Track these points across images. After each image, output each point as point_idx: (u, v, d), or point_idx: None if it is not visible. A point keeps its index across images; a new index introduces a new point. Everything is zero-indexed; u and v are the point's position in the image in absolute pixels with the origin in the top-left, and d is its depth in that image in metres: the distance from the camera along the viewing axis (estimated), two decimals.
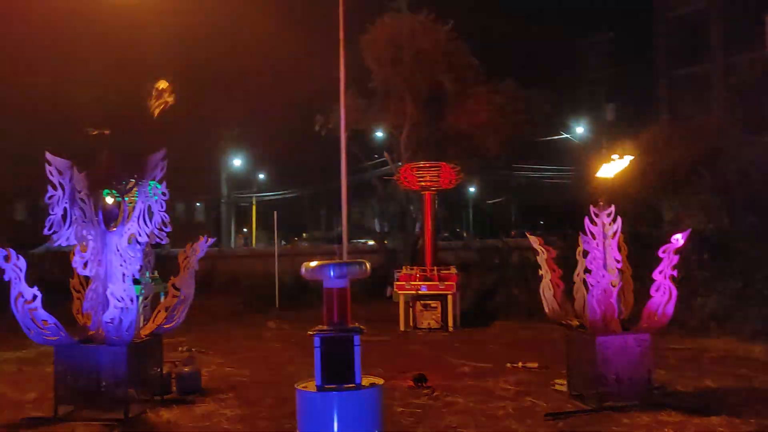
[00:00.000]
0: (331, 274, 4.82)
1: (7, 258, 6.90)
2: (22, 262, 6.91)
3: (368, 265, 5.04)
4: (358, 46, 19.45)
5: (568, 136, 33.61)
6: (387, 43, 19.58)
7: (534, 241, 7.88)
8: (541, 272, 7.77)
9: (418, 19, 19.84)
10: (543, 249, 7.76)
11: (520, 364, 9.20)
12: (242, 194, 41.55)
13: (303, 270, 5.02)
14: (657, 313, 7.12)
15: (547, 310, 7.77)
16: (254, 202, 41.04)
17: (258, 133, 38.10)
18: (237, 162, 40.82)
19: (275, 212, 17.89)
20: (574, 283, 7.67)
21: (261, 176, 44.34)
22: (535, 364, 9.15)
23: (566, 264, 7.86)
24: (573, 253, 7.70)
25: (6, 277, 6.89)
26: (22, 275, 6.89)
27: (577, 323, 7.48)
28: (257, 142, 39.14)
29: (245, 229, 43.18)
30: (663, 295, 7.10)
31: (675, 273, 7.10)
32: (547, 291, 7.71)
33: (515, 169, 34.67)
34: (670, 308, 7.11)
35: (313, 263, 4.94)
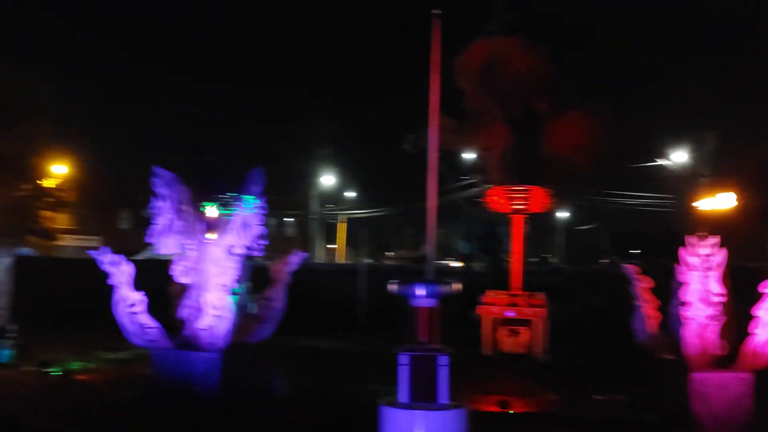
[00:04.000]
0: (420, 292, 4.85)
1: (113, 263, 7.32)
2: (129, 267, 7.31)
3: (457, 284, 5.04)
4: (450, 67, 19.52)
5: (665, 162, 32.37)
6: (480, 65, 19.54)
7: (629, 269, 7.64)
8: (635, 302, 7.52)
9: (512, 41, 19.72)
10: (639, 278, 7.51)
11: (607, 395, 8.89)
12: (331, 211, 42.30)
13: (391, 287, 5.08)
14: (760, 352, 6.74)
15: (640, 342, 7.50)
16: (342, 219, 41.69)
17: (349, 152, 38.83)
18: (327, 179, 41.62)
19: (363, 229, 18.11)
20: (670, 314, 7.37)
21: (349, 194, 45.05)
22: (624, 397, 8.81)
23: (662, 295, 7.57)
24: (669, 283, 7.41)
25: (111, 282, 7.30)
26: (129, 280, 7.29)
27: (673, 357, 7.18)
28: (348, 161, 39.84)
29: (332, 245, 43.84)
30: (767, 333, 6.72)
31: None
32: (641, 322, 7.44)
33: (608, 195, 33.65)
34: None
35: (402, 281, 4.98)
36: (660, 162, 32.86)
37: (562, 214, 41.45)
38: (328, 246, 43.54)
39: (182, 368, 7.30)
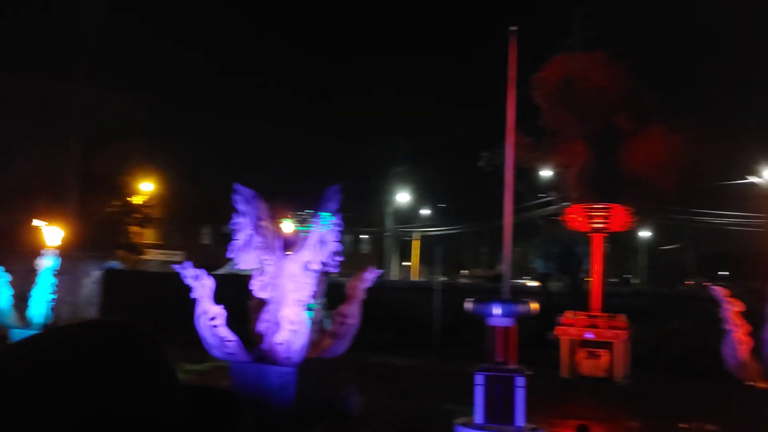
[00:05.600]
0: (497, 311, 4.78)
1: (195, 277, 7.55)
2: (210, 282, 7.53)
3: (534, 304, 4.93)
4: (527, 84, 19.32)
5: (756, 180, 30.88)
6: (558, 81, 19.25)
7: (719, 292, 7.29)
8: (724, 326, 7.16)
9: (591, 56, 19.35)
10: (729, 301, 7.15)
11: (694, 424, 8.47)
12: (405, 228, 42.40)
13: (468, 305, 5.02)
14: None
15: (730, 368, 7.13)
16: (417, 237, 41.68)
17: (425, 169, 38.89)
18: (402, 197, 41.78)
19: (438, 247, 18.04)
20: (763, 340, 6.98)
21: (425, 211, 45.05)
22: (714, 427, 8.37)
23: (753, 320, 7.19)
24: (761, 307, 7.03)
25: (193, 295, 7.53)
26: (210, 294, 7.51)
27: (765, 385, 6.79)
28: (423, 178, 39.92)
29: (407, 263, 43.89)
30: None
31: None
32: (731, 347, 7.08)
33: (694, 214, 32.33)
34: None
35: (479, 299, 4.92)
36: (750, 179, 31.37)
37: (645, 234, 40.10)
38: (402, 263, 43.61)
39: (259, 381, 7.43)
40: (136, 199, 25.25)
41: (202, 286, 7.52)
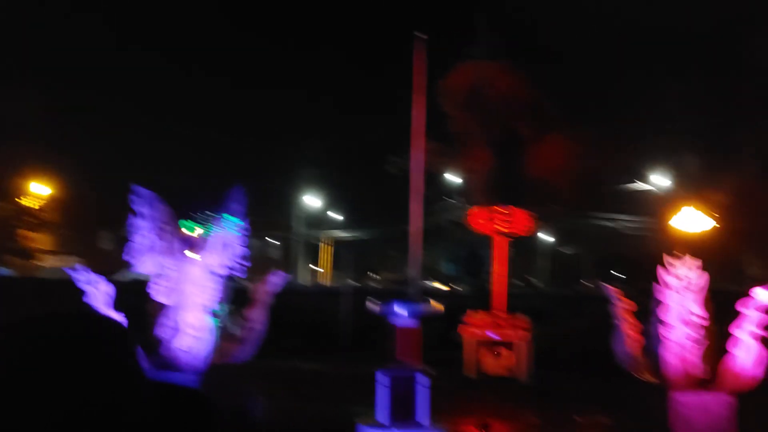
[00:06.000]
0: (401, 312, 4.82)
1: (90, 282, 7.23)
2: (108, 288, 7.22)
3: (438, 304, 5.02)
4: (435, 90, 19.68)
5: (646, 186, 32.71)
6: (464, 89, 19.72)
7: (610, 290, 7.65)
8: (616, 323, 7.53)
9: (496, 65, 19.94)
10: (620, 300, 7.52)
11: (590, 417, 8.86)
12: (314, 232, 42.21)
13: (372, 306, 5.05)
14: (743, 374, 6.75)
15: (621, 363, 7.49)
16: (326, 241, 41.59)
17: (333, 174, 38.84)
18: (311, 201, 41.60)
19: (346, 250, 18.06)
20: (652, 336, 7.38)
21: (334, 216, 45.01)
22: (607, 419, 8.79)
23: (644, 318, 7.58)
24: (650, 306, 7.43)
25: (88, 301, 7.19)
26: (108, 300, 7.19)
27: (654, 379, 7.18)
28: (332, 182, 39.85)
29: (315, 267, 43.68)
30: (748, 354, 6.74)
31: (763, 332, 6.75)
32: (621, 343, 7.44)
33: (591, 218, 33.88)
34: (759, 370, 6.73)
35: (383, 301, 4.96)
36: (641, 185, 33.20)
37: (546, 238, 41.64)
38: (312, 268, 43.38)
39: None
40: (28, 202, 23.89)
41: (98, 291, 7.19)
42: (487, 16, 20.98)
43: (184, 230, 8.19)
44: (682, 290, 6.98)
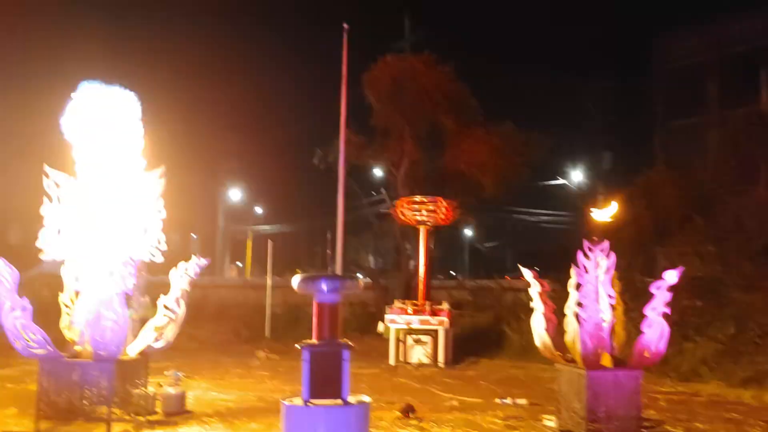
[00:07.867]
0: (324, 287, 4.82)
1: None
2: (13, 274, 6.89)
3: (360, 281, 5.05)
4: (359, 83, 19.72)
5: (564, 181, 33.81)
6: (388, 82, 19.85)
7: (527, 273, 7.87)
8: (533, 305, 7.75)
9: (420, 59, 20.15)
10: (536, 282, 7.75)
11: (509, 399, 9.11)
12: (238, 227, 41.56)
13: (295, 283, 5.02)
14: (649, 350, 7.09)
15: (538, 344, 7.73)
16: (250, 235, 41.01)
17: (257, 167, 38.29)
18: (234, 195, 40.92)
19: (269, 242, 17.89)
20: (566, 317, 7.64)
21: (258, 210, 44.40)
22: (525, 400, 9.05)
23: (559, 304, 7.81)
24: (566, 293, 7.66)
25: None
26: (13, 287, 6.87)
27: (569, 358, 7.44)
28: (255, 176, 39.31)
29: (238, 262, 43.02)
30: (655, 331, 7.09)
31: (669, 311, 7.11)
32: (538, 324, 7.67)
33: (512, 213, 34.78)
34: (663, 345, 7.10)
35: (306, 276, 4.94)
36: (560, 180, 34.28)
37: (469, 232, 42.44)
38: (236, 263, 42.71)
39: (72, 378, 6.92)
40: None
41: (3, 278, 6.84)
42: (412, 9, 21.18)
43: (101, 215, 7.90)
44: (595, 271, 7.26)
